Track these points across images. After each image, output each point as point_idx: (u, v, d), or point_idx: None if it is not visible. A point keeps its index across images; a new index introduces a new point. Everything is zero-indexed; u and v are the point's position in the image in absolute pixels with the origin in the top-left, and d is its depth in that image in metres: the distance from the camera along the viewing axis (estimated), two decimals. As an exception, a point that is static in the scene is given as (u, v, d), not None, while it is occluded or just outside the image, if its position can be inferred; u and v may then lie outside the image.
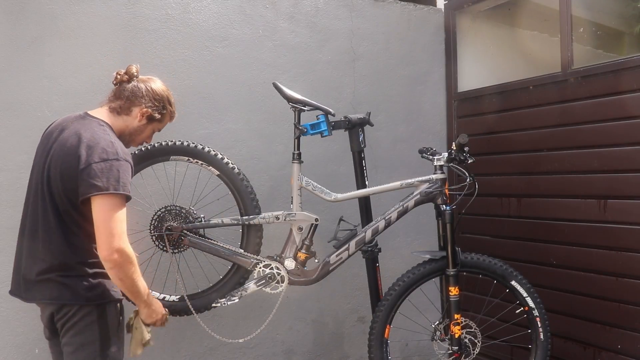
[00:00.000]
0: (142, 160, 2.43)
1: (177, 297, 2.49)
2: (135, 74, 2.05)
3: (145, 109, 2.01)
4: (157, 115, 2.04)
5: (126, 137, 2.05)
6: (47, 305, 1.92)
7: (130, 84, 2.02)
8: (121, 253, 1.82)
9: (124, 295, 1.99)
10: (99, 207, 1.81)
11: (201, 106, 2.90)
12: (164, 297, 2.48)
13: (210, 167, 2.47)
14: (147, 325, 2.11)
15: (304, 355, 3.27)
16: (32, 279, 1.90)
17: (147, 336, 2.12)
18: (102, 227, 1.82)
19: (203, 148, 2.44)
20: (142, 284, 1.95)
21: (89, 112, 1.99)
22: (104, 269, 1.88)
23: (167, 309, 2.18)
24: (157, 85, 2.07)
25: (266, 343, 3.12)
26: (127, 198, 1.88)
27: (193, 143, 2.45)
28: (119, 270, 1.85)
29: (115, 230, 1.81)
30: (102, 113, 2.00)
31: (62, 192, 1.85)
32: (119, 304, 1.99)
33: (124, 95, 2.01)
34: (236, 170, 2.47)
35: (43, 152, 1.94)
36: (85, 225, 1.87)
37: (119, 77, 2.04)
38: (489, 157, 3.45)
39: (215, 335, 2.46)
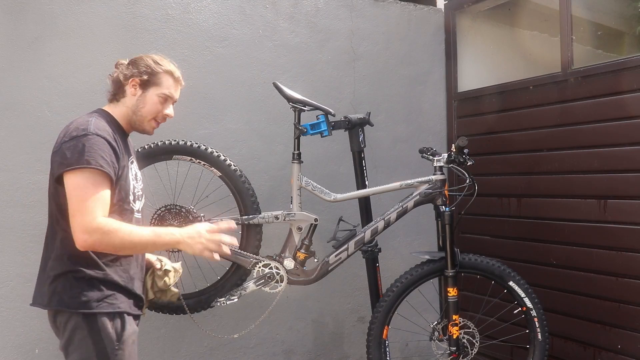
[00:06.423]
0: (145, 159, 2.43)
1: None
2: (120, 63, 1.96)
3: (132, 79, 1.89)
4: (145, 77, 1.88)
5: (135, 119, 1.92)
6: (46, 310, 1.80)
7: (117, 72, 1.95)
8: (91, 232, 1.60)
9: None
10: (67, 187, 1.65)
11: (201, 106, 2.90)
12: None
13: (213, 168, 2.47)
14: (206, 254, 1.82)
15: (304, 355, 3.27)
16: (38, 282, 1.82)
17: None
18: (71, 209, 1.63)
19: (206, 149, 2.45)
20: (141, 237, 1.70)
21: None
22: (94, 273, 1.72)
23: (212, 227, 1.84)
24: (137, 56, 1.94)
25: (266, 343, 3.12)
26: (103, 174, 1.66)
27: (196, 143, 2.45)
28: (103, 247, 1.64)
29: (81, 209, 1.61)
30: (105, 107, 1.94)
31: (51, 188, 1.76)
32: (119, 318, 1.75)
33: (114, 83, 1.93)
34: (238, 172, 2.47)
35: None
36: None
37: (109, 76, 1.97)
38: (489, 157, 3.44)
39: (209, 332, 2.46)
